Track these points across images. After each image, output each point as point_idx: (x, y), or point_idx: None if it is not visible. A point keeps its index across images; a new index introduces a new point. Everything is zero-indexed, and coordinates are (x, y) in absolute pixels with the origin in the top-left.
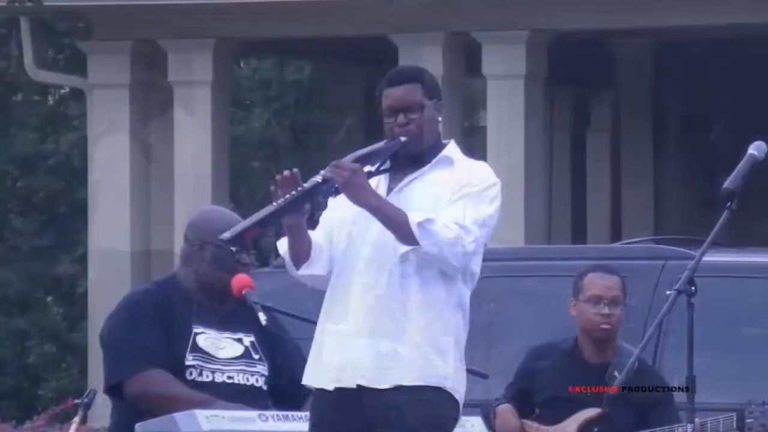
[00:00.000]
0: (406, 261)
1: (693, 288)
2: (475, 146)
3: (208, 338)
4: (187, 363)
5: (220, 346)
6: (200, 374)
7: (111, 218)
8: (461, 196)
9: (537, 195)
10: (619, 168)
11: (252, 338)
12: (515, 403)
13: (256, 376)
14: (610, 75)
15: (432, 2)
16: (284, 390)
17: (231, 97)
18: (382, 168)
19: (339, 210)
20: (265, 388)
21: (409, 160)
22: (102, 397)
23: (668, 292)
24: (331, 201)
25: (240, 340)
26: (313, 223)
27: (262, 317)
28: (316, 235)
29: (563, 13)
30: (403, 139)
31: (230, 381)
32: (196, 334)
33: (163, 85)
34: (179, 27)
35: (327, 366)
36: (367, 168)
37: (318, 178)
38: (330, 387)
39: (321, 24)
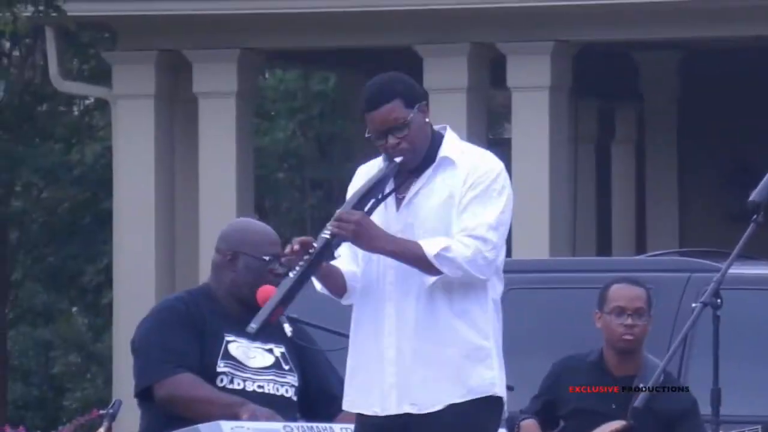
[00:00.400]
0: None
1: (719, 300)
2: (500, 158)
3: (239, 347)
4: (219, 370)
5: (251, 356)
6: (231, 381)
7: (136, 229)
8: (470, 200)
9: (562, 207)
10: (643, 180)
11: (283, 349)
12: (540, 416)
13: (286, 386)
14: (634, 86)
15: (457, 13)
16: (313, 401)
17: (256, 107)
18: (387, 192)
19: None
20: (295, 399)
21: (411, 170)
22: (126, 408)
23: (694, 305)
24: None
25: (271, 351)
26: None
27: (288, 328)
28: (345, 263)
29: (588, 25)
30: (398, 159)
31: (260, 390)
32: (228, 342)
33: (188, 96)
34: (204, 37)
35: (370, 392)
36: (371, 203)
37: (326, 234)
38: (376, 413)
39: (346, 35)
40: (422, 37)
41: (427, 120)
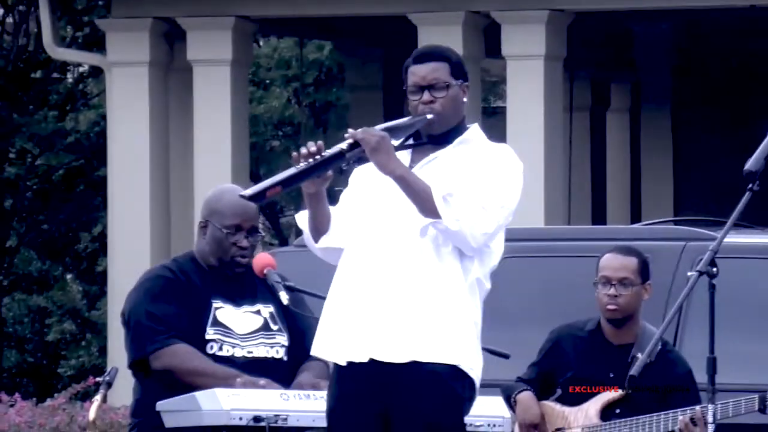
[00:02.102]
0: (425, 236)
1: (715, 269)
2: (494, 127)
3: (227, 313)
4: (208, 337)
5: (239, 321)
6: (220, 348)
7: (130, 196)
8: (483, 177)
9: (556, 175)
10: (638, 149)
11: (271, 309)
12: (536, 384)
13: (276, 347)
14: (629, 56)
15: None
16: (301, 362)
17: (250, 75)
18: (405, 143)
19: (358, 186)
20: (285, 358)
21: (433, 138)
22: (122, 376)
23: (689, 273)
24: (351, 177)
25: (258, 312)
26: (332, 199)
27: (284, 296)
28: (336, 210)
29: None
30: (429, 116)
31: (250, 356)
32: (216, 308)
33: (183, 64)
34: (199, 5)
35: (340, 338)
36: (392, 142)
37: (343, 145)
38: (342, 360)
39: (341, 3)
40: (417, 6)
41: (465, 100)
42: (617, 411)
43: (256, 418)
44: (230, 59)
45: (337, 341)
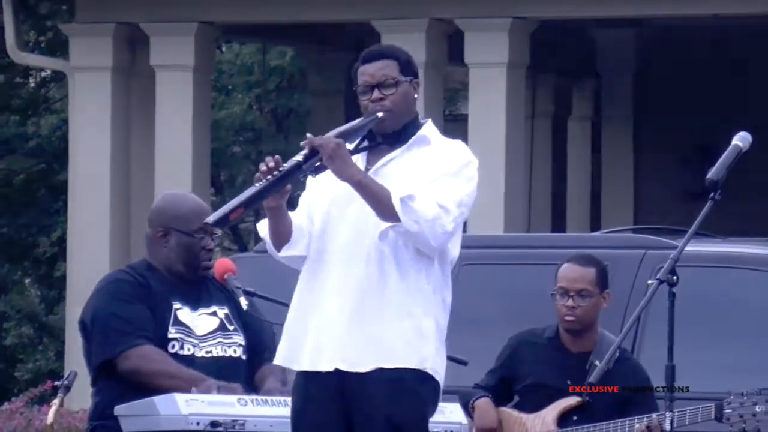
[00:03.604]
0: (385, 239)
1: (675, 277)
2: (456, 134)
3: (186, 314)
4: (170, 336)
5: (196, 323)
6: (182, 347)
7: (90, 201)
8: (439, 175)
9: (517, 183)
10: (599, 157)
11: (226, 310)
12: (495, 390)
13: (234, 346)
14: (592, 64)
15: None
16: (254, 364)
17: (212, 81)
18: (360, 146)
19: (317, 191)
20: (244, 357)
21: (386, 138)
22: (80, 380)
23: (650, 281)
24: (310, 181)
25: (214, 313)
26: (292, 204)
27: (244, 302)
28: (296, 216)
29: (546, 2)
30: (380, 114)
31: (209, 355)
32: (176, 309)
33: (146, 69)
34: (162, 10)
35: (303, 347)
36: (347, 146)
37: (299, 157)
38: (305, 369)
39: (303, 9)
40: (380, 12)
41: (415, 96)
42: (574, 418)
43: (214, 423)
44: (193, 65)
45: (300, 351)
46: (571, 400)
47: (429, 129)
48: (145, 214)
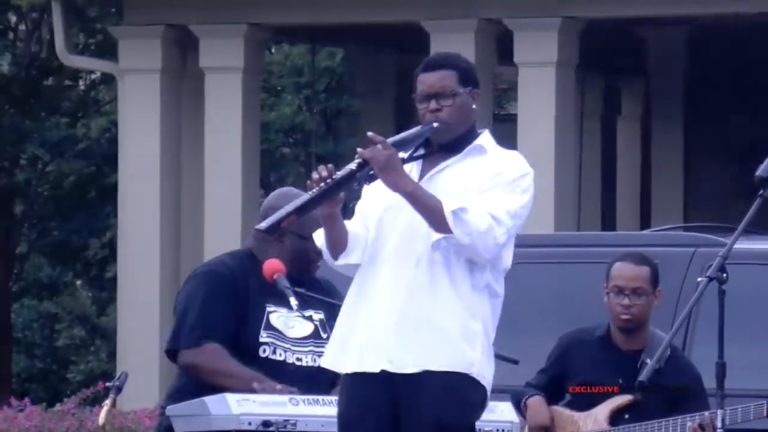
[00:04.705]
0: (437, 250)
1: (724, 275)
2: (505, 134)
3: (280, 317)
4: (262, 340)
5: (290, 325)
6: (274, 352)
7: (141, 203)
8: (494, 185)
9: (567, 182)
10: (649, 156)
11: (321, 315)
12: (546, 390)
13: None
14: (641, 63)
15: None
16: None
17: (262, 83)
18: (415, 155)
19: (372, 198)
20: None
21: (442, 147)
22: (132, 381)
23: (699, 279)
24: (365, 189)
25: (310, 318)
26: (347, 212)
27: (294, 302)
28: (352, 225)
29: (595, 1)
30: (435, 125)
31: (299, 363)
32: (269, 312)
33: (195, 71)
34: (211, 12)
35: (350, 349)
36: (401, 154)
37: (353, 166)
38: (352, 370)
39: (353, 10)
40: (429, 13)
41: (474, 107)
42: (626, 416)
43: (266, 423)
44: (242, 67)
45: (347, 353)
46: (623, 399)
47: (485, 139)
48: (195, 215)
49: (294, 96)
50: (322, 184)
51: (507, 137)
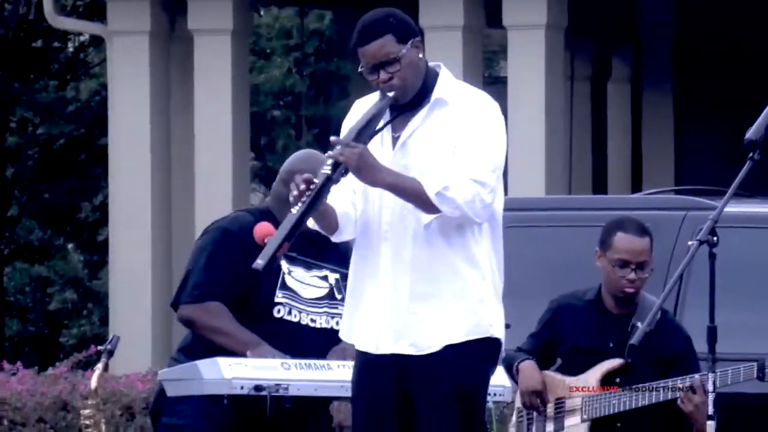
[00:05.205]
0: (429, 226)
1: (715, 238)
2: (495, 96)
3: (296, 276)
4: (277, 300)
5: (305, 286)
6: (289, 313)
7: (131, 165)
8: (467, 142)
9: (557, 145)
10: (639, 119)
11: (337, 275)
12: (537, 354)
13: (337, 318)
14: (631, 26)
15: None
16: None
17: (251, 45)
18: (381, 126)
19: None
20: None
21: (406, 106)
22: (124, 345)
23: (690, 243)
24: None
25: (325, 278)
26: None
27: (286, 266)
28: (338, 203)
29: None
30: (391, 94)
31: (313, 324)
32: (284, 272)
33: (184, 33)
34: None
35: (366, 329)
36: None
37: (327, 170)
38: (372, 350)
39: None
40: None
41: (420, 56)
42: (617, 380)
43: (257, 387)
44: (231, 29)
45: (364, 332)
46: (614, 363)
47: (443, 84)
48: (185, 177)
49: (283, 59)
50: (304, 198)
51: (497, 100)
